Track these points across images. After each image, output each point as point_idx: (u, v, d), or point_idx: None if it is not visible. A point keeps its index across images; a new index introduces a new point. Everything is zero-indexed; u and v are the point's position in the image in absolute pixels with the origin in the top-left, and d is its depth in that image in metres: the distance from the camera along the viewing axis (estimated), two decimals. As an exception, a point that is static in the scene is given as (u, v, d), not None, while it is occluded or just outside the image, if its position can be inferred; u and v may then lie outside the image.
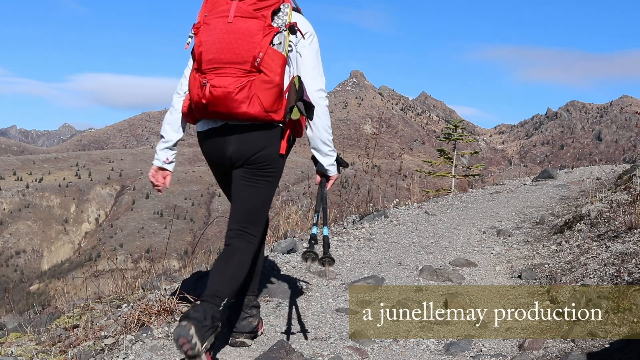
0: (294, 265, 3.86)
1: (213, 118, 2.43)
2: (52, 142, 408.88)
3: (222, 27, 2.37)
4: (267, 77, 2.33)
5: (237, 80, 2.32)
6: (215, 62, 2.35)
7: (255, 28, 2.35)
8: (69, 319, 3.53)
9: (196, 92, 2.38)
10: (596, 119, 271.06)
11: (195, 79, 2.39)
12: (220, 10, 2.40)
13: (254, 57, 2.32)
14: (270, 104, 2.34)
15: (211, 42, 2.37)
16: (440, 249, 4.49)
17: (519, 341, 2.65)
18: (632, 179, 5.80)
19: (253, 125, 2.40)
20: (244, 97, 2.31)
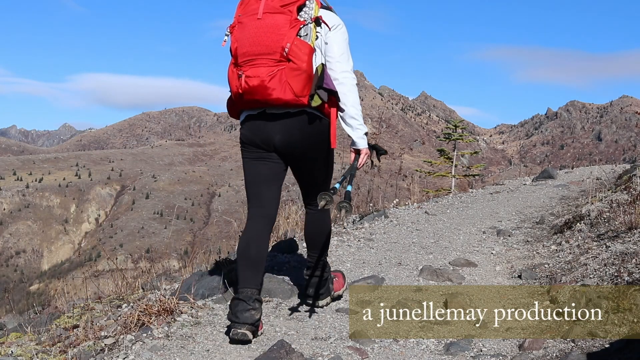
0: (294, 265, 3.86)
1: (251, 107, 2.71)
2: (52, 142, 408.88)
3: (253, 23, 2.64)
4: (296, 65, 2.58)
5: (269, 70, 2.59)
6: (249, 55, 2.63)
7: (282, 22, 2.61)
8: (69, 319, 3.53)
9: (234, 83, 2.68)
10: (596, 119, 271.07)
11: (233, 72, 2.69)
12: (251, 10, 2.67)
13: (282, 48, 2.57)
14: (300, 89, 2.60)
15: (244, 38, 2.65)
16: (440, 249, 4.49)
17: (519, 341, 2.65)
18: (632, 179, 5.80)
19: (288, 113, 2.67)
20: (275, 84, 2.58)
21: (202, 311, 2.96)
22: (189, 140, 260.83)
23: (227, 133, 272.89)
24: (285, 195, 6.43)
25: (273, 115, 2.69)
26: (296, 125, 2.70)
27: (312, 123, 2.71)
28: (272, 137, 2.72)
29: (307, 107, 2.66)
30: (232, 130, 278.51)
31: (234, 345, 2.60)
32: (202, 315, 2.90)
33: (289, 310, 3.08)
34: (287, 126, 2.70)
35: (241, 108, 2.78)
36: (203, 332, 2.70)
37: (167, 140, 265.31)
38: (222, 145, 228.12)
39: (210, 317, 2.90)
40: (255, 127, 2.75)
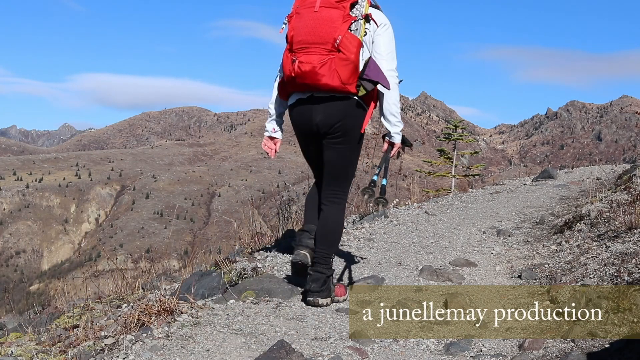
0: (294, 265, 3.86)
1: (301, 90, 2.99)
2: (52, 142, 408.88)
3: (309, 15, 2.91)
4: (345, 56, 2.86)
5: (321, 58, 2.86)
6: (303, 43, 2.90)
7: (336, 16, 2.88)
8: (69, 319, 3.53)
9: (288, 67, 2.95)
10: (596, 119, 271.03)
11: (287, 57, 2.96)
12: (308, 2, 2.95)
13: (334, 39, 2.85)
14: (347, 78, 2.87)
15: (300, 27, 2.92)
16: (440, 249, 4.49)
17: (519, 341, 2.65)
18: (632, 179, 5.80)
19: (334, 97, 2.95)
20: (325, 71, 2.86)
21: (202, 311, 2.96)
22: (189, 140, 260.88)
23: (227, 133, 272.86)
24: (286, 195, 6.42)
25: (319, 98, 2.97)
26: (337, 107, 2.97)
27: (351, 109, 2.98)
28: (314, 118, 3.00)
29: (352, 94, 2.94)
30: (232, 130, 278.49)
31: (234, 345, 2.60)
32: (202, 315, 2.90)
33: (288, 310, 3.08)
34: (329, 108, 2.97)
35: (291, 90, 3.06)
36: (203, 332, 2.70)
37: (167, 140, 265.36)
38: (222, 145, 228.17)
39: (210, 317, 2.90)
40: (302, 110, 3.05)
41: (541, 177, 8.79)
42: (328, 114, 2.97)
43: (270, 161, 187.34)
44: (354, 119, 3.01)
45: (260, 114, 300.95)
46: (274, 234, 5.23)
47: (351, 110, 2.98)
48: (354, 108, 2.99)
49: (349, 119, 2.99)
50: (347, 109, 2.97)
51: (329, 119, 2.98)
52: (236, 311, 3.00)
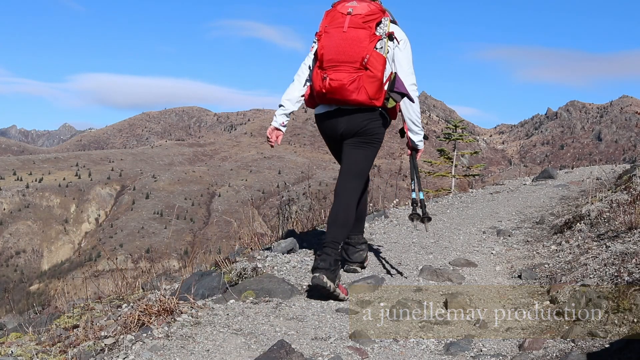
0: (294, 265, 3.86)
1: (329, 103, 3.26)
2: (52, 142, 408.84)
3: (338, 35, 3.16)
4: (372, 73, 3.12)
5: (350, 75, 3.11)
6: (333, 62, 3.15)
7: (363, 36, 3.13)
8: (69, 319, 3.53)
9: (318, 83, 3.19)
10: (596, 119, 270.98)
11: (318, 74, 3.21)
12: (337, 22, 3.19)
13: (362, 58, 3.10)
14: (374, 93, 3.15)
15: (330, 46, 3.16)
16: (440, 249, 4.49)
17: (519, 341, 2.65)
18: (632, 179, 5.80)
19: (359, 109, 3.22)
20: (354, 87, 3.11)
21: (202, 311, 2.96)
22: (189, 140, 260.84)
23: (227, 133, 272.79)
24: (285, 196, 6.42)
25: (346, 110, 3.25)
26: (361, 118, 3.24)
27: (374, 118, 3.27)
28: (339, 129, 3.30)
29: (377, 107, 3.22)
30: (232, 130, 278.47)
31: (234, 345, 2.60)
32: (202, 315, 2.90)
33: (288, 310, 3.08)
34: (352, 119, 3.25)
35: (320, 103, 3.32)
36: (203, 332, 2.70)
37: (167, 140, 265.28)
38: (222, 145, 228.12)
39: (210, 317, 2.90)
40: (328, 122, 3.34)
41: (541, 177, 8.79)
42: (352, 124, 3.26)
43: (270, 161, 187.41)
44: (376, 127, 3.28)
45: (260, 114, 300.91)
46: (274, 234, 5.23)
47: (374, 118, 3.27)
48: (377, 117, 3.28)
49: (370, 125, 3.26)
50: (370, 117, 3.25)
51: (353, 127, 3.26)
52: (236, 311, 3.00)
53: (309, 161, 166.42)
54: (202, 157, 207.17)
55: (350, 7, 3.20)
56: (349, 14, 3.18)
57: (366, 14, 3.17)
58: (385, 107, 3.25)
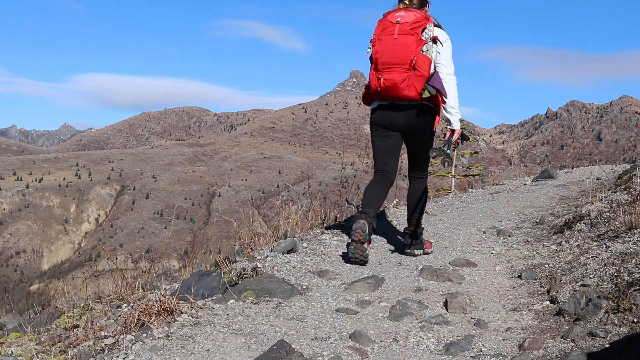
0: (294, 265, 3.86)
1: (383, 99, 3.85)
2: (52, 142, 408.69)
3: (390, 41, 3.70)
4: (419, 72, 3.66)
5: (401, 75, 3.67)
6: (386, 64, 3.71)
7: (411, 41, 3.67)
8: (69, 319, 3.53)
9: (374, 83, 3.78)
10: (596, 119, 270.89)
11: (373, 75, 3.78)
12: (388, 30, 3.73)
13: (411, 60, 3.65)
14: (421, 91, 3.67)
15: (383, 51, 3.72)
16: (440, 249, 4.49)
17: (519, 341, 2.65)
18: (632, 179, 5.80)
19: (410, 105, 3.78)
20: (405, 85, 3.67)
21: (202, 311, 2.96)
22: (189, 140, 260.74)
23: (227, 133, 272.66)
24: (285, 196, 6.44)
25: (399, 105, 3.82)
26: (415, 113, 3.81)
27: (425, 112, 3.82)
28: (398, 121, 3.87)
29: (423, 101, 3.74)
30: (232, 130, 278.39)
31: (234, 345, 2.61)
32: (202, 315, 2.90)
33: (288, 310, 3.08)
34: (409, 114, 3.82)
35: (375, 99, 3.92)
36: (203, 332, 2.70)
37: (167, 140, 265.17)
38: (222, 145, 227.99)
39: (210, 317, 2.90)
40: (385, 113, 3.90)
41: (541, 177, 8.78)
42: (409, 118, 3.84)
43: (270, 161, 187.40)
44: (428, 121, 3.86)
45: (260, 114, 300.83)
46: (274, 234, 5.23)
47: (425, 114, 3.83)
48: (427, 113, 3.83)
49: (424, 122, 3.85)
50: (422, 114, 3.81)
51: (411, 122, 3.85)
52: (236, 311, 3.00)
53: (309, 161, 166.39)
54: (202, 157, 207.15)
55: (399, 17, 3.74)
56: (398, 22, 3.72)
57: (413, 22, 3.70)
58: (431, 99, 3.76)
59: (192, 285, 3.27)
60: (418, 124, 3.85)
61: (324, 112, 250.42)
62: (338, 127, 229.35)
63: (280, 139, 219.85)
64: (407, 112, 3.82)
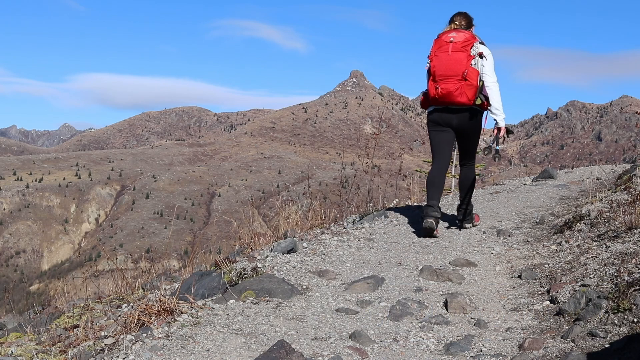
0: (294, 265, 3.86)
1: (439, 104, 4.69)
2: (52, 142, 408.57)
3: (445, 57, 4.55)
4: (470, 82, 4.50)
5: (455, 85, 4.51)
6: (443, 76, 4.55)
7: (462, 57, 4.52)
8: (69, 319, 3.53)
9: (432, 92, 4.62)
10: (596, 119, 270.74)
11: (432, 85, 4.61)
12: (443, 48, 4.58)
13: (462, 72, 4.49)
14: (472, 96, 4.53)
15: (440, 65, 4.56)
16: (440, 249, 4.49)
17: (519, 341, 2.65)
18: (632, 179, 5.80)
19: (463, 109, 4.63)
20: (458, 93, 4.51)
21: (202, 311, 2.96)
22: (189, 140, 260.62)
23: (227, 133, 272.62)
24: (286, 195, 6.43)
25: (453, 109, 4.66)
26: (466, 116, 4.67)
27: (474, 115, 4.69)
28: (452, 122, 4.72)
29: (474, 105, 4.59)
30: (232, 130, 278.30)
31: (234, 345, 2.61)
32: (202, 315, 2.90)
33: (288, 310, 3.08)
34: (461, 116, 4.68)
35: (432, 105, 4.76)
36: (203, 332, 2.70)
37: (167, 140, 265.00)
38: (222, 145, 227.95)
39: (210, 317, 2.90)
40: (440, 115, 4.74)
41: (541, 177, 8.78)
42: (461, 120, 4.70)
43: (270, 161, 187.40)
44: (477, 121, 4.75)
45: (260, 114, 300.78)
46: (274, 234, 5.23)
47: (475, 116, 4.71)
48: (476, 115, 4.71)
49: (473, 122, 4.72)
50: (472, 116, 4.69)
51: (462, 122, 4.71)
52: (236, 311, 3.00)
53: (309, 161, 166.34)
54: (202, 157, 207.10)
55: (452, 37, 4.57)
56: (451, 41, 4.55)
57: (463, 41, 4.53)
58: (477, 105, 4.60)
59: (192, 285, 3.27)
60: (469, 124, 4.71)
61: (324, 112, 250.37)
62: (338, 127, 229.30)
63: (280, 139, 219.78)
64: (460, 114, 4.66)
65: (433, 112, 4.78)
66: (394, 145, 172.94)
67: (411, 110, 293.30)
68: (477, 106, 4.63)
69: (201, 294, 3.38)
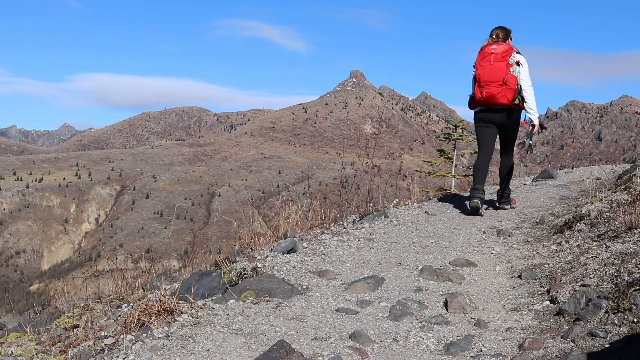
0: (294, 265, 3.86)
1: (484, 106, 5.59)
2: (52, 142, 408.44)
3: (488, 65, 5.44)
4: (509, 87, 5.38)
5: (497, 89, 5.40)
6: (487, 82, 5.44)
7: (503, 65, 5.40)
8: (69, 319, 3.53)
9: (478, 95, 5.53)
10: (596, 119, 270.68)
11: (477, 89, 5.52)
12: (486, 59, 5.46)
13: (503, 79, 5.37)
14: (511, 98, 5.42)
15: (484, 73, 5.45)
16: (440, 249, 4.49)
17: (519, 341, 2.65)
18: (632, 179, 5.80)
19: (503, 108, 5.53)
20: (500, 96, 5.40)
21: (202, 311, 2.96)
22: (189, 140, 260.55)
23: (227, 133, 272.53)
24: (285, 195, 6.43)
25: (495, 109, 5.58)
26: (506, 114, 5.58)
27: (513, 113, 5.60)
28: (494, 120, 5.65)
29: (512, 105, 5.49)
30: (232, 130, 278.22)
31: (234, 345, 2.61)
32: (202, 315, 2.90)
33: (288, 310, 3.08)
34: (502, 115, 5.59)
35: (478, 106, 5.66)
36: (203, 332, 2.70)
37: (167, 140, 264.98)
38: (222, 145, 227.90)
39: (210, 317, 2.90)
40: (485, 114, 5.67)
41: (541, 177, 8.78)
42: (502, 118, 5.61)
43: (270, 161, 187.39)
44: (515, 119, 5.65)
45: (260, 114, 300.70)
46: (274, 234, 5.22)
47: (514, 115, 5.61)
48: (515, 113, 5.61)
49: (513, 120, 5.64)
50: (512, 114, 5.59)
51: (503, 120, 5.62)
52: (236, 311, 2.99)
53: (309, 161, 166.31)
54: (202, 157, 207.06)
55: (493, 49, 5.45)
56: (492, 52, 5.43)
57: (503, 52, 5.42)
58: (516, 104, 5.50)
59: (192, 285, 3.27)
60: (508, 121, 5.63)
61: (324, 112, 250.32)
62: (338, 127, 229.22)
63: (280, 139, 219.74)
64: (501, 113, 5.58)
65: (479, 112, 5.72)
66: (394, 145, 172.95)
67: (411, 110, 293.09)
68: (515, 106, 5.51)
69: (201, 294, 3.38)
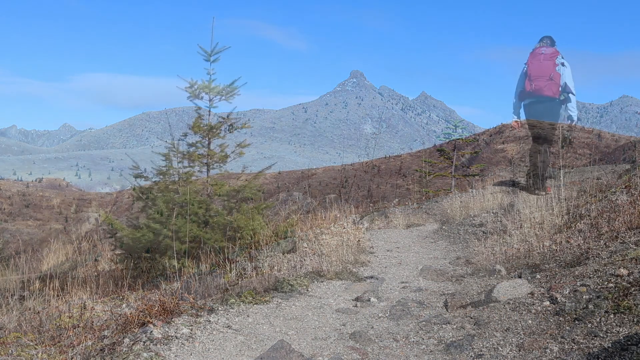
0: (294, 265, 3.86)
1: (533, 97, 6.54)
2: (52, 142, 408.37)
3: (538, 64, 6.50)
4: (555, 82, 6.39)
5: (544, 83, 6.40)
6: (536, 77, 6.46)
7: (550, 64, 6.44)
8: (69, 319, 3.53)
9: (528, 87, 6.49)
10: (596, 119, 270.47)
11: (527, 83, 6.49)
12: (537, 58, 6.51)
13: (550, 74, 6.41)
14: (556, 92, 6.42)
15: (534, 69, 6.50)
16: (441, 249, 4.49)
17: (519, 341, 2.64)
18: (632, 179, 5.79)
19: (548, 99, 6.45)
20: (547, 88, 6.41)
21: (202, 311, 2.96)
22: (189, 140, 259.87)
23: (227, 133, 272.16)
24: (285, 196, 6.41)
25: (542, 100, 6.49)
26: (550, 105, 6.49)
27: (556, 105, 6.48)
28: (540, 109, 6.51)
29: (557, 98, 6.45)
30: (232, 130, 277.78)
31: (234, 345, 2.61)
32: (202, 315, 2.90)
33: (288, 310, 3.08)
34: (547, 105, 6.50)
35: (527, 97, 6.59)
36: (203, 332, 2.70)
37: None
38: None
39: (210, 317, 2.90)
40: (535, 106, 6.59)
41: (541, 177, 8.77)
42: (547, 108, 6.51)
43: (270, 161, 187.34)
44: (557, 111, 6.50)
45: (260, 114, 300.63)
46: (274, 234, 5.22)
47: (557, 106, 6.51)
48: (558, 105, 6.52)
49: (556, 111, 6.50)
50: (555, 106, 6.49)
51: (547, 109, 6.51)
52: (236, 311, 3.00)
53: (309, 161, 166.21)
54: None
55: (542, 51, 6.53)
56: (542, 54, 6.49)
57: (550, 54, 6.47)
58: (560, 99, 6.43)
59: (192, 285, 3.27)
60: (551, 112, 6.53)
61: (324, 112, 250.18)
62: (338, 127, 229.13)
63: (280, 139, 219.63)
64: (546, 104, 6.52)
65: (528, 103, 6.69)
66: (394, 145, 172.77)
67: (411, 110, 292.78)
68: (560, 100, 6.49)
69: (201, 294, 3.38)
